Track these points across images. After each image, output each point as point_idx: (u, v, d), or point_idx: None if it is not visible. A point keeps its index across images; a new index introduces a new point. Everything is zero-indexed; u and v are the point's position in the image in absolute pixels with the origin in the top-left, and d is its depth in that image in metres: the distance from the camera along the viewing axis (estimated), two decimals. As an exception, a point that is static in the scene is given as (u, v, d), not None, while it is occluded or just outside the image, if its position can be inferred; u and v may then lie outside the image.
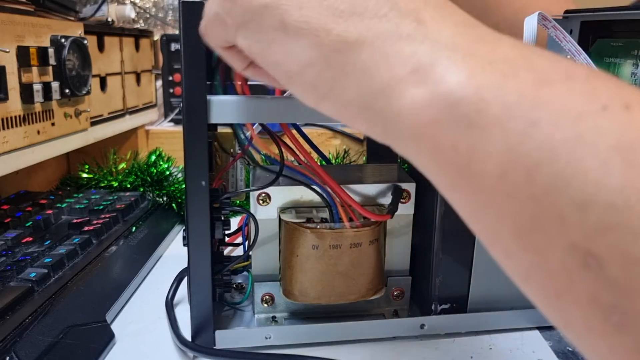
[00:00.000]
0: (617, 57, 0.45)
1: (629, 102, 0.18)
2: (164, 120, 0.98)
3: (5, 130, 0.52)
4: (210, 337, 0.40)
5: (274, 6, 0.24)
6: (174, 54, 0.95)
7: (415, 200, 0.43)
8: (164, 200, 0.70)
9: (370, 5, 0.23)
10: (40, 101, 0.57)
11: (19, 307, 0.40)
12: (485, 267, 0.43)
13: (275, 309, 0.44)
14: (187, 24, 0.34)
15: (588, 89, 0.19)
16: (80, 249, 0.51)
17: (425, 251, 0.43)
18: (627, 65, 0.44)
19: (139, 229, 0.60)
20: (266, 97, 0.38)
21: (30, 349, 0.36)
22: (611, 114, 0.18)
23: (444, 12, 0.23)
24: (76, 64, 0.64)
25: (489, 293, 0.43)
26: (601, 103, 0.18)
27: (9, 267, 0.45)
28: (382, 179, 0.43)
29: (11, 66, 0.53)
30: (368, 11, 0.23)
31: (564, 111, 0.19)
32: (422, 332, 0.43)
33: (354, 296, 0.42)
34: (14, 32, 0.53)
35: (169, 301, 0.46)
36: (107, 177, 0.72)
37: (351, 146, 0.88)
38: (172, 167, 0.73)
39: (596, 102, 0.18)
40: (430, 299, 0.43)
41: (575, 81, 0.19)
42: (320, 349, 0.41)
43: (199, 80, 0.35)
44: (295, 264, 0.41)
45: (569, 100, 0.19)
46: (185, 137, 0.36)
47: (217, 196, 0.40)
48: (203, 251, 0.38)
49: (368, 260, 0.41)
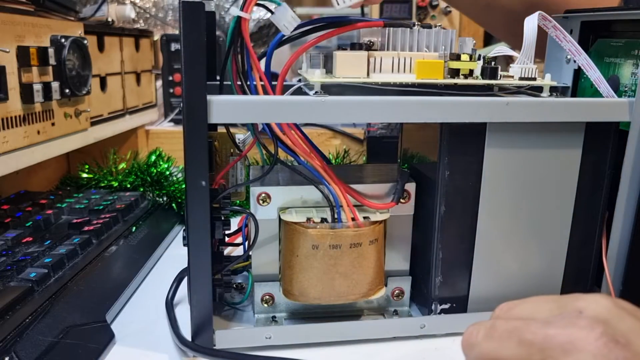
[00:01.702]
0: (617, 57, 0.45)
1: None
2: (164, 120, 0.98)
3: (5, 130, 0.52)
4: (210, 337, 0.40)
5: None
6: (174, 54, 0.95)
7: (415, 200, 0.43)
8: (164, 200, 0.70)
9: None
10: (40, 101, 0.57)
11: (19, 307, 0.40)
12: (485, 267, 0.43)
13: (275, 309, 0.44)
14: (187, 24, 0.34)
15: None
16: (80, 249, 0.51)
17: (425, 251, 0.43)
18: (627, 65, 0.44)
19: (139, 229, 0.60)
20: (266, 97, 0.38)
21: (30, 349, 0.36)
22: None
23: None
24: (76, 64, 0.64)
25: (489, 293, 0.43)
26: None
27: (9, 267, 0.45)
28: (382, 179, 0.43)
29: (11, 66, 0.53)
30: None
31: None
32: (422, 332, 0.43)
33: (354, 296, 0.42)
34: (14, 32, 0.53)
35: (169, 301, 0.46)
36: (107, 177, 0.72)
37: (351, 146, 0.88)
38: (172, 167, 0.73)
39: None
40: (430, 299, 0.43)
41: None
42: (320, 349, 0.41)
43: (199, 80, 0.35)
44: (295, 264, 0.41)
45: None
46: (185, 137, 0.36)
47: (217, 196, 0.40)
48: (203, 251, 0.38)
49: (368, 260, 0.41)
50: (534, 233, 0.43)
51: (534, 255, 0.43)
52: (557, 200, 0.42)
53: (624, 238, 0.42)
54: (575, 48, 0.42)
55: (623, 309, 0.27)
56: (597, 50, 0.47)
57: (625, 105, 0.40)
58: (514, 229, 0.42)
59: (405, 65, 0.40)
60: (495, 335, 0.28)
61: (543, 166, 0.41)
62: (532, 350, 0.26)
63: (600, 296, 0.28)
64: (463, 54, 0.40)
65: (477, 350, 0.29)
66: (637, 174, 0.40)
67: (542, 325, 0.27)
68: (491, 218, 0.42)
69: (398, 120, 0.39)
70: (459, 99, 0.38)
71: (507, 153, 0.41)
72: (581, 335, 0.25)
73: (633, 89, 0.43)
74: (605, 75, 0.43)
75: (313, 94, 0.38)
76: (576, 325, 0.26)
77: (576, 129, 0.41)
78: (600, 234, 0.44)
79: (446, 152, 0.40)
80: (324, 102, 0.36)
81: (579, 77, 0.48)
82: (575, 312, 0.27)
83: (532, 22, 0.41)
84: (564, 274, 0.44)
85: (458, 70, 0.40)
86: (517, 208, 0.42)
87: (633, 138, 0.40)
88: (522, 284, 0.44)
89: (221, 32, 1.00)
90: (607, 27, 0.47)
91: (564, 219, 0.43)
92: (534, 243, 0.43)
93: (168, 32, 1.00)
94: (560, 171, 0.42)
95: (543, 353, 0.26)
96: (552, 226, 0.43)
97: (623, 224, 0.41)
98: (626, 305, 0.28)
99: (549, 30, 0.42)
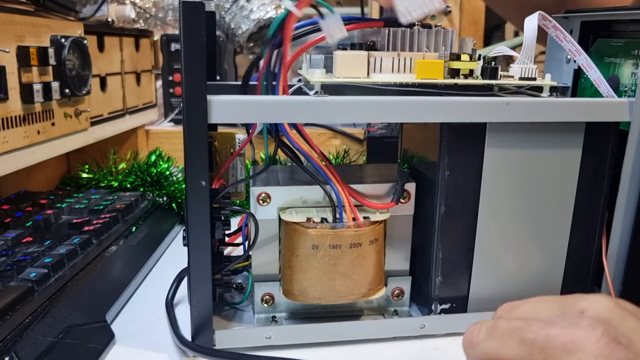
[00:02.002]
0: (617, 57, 0.45)
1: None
2: (164, 120, 0.98)
3: (5, 130, 0.52)
4: (210, 337, 0.40)
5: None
6: (174, 54, 0.95)
7: (415, 200, 0.43)
8: (164, 200, 0.70)
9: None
10: (40, 101, 0.57)
11: (19, 307, 0.40)
12: (485, 267, 0.43)
13: (275, 309, 0.44)
14: (187, 24, 0.34)
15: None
16: (80, 249, 0.51)
17: (425, 251, 0.43)
18: (627, 65, 0.44)
19: (139, 229, 0.60)
20: (266, 97, 0.38)
21: (31, 349, 0.36)
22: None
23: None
24: (76, 64, 0.64)
25: (489, 293, 0.43)
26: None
27: (9, 267, 0.45)
28: (382, 179, 0.43)
29: (11, 66, 0.53)
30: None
31: None
32: (422, 332, 0.43)
33: (354, 296, 0.42)
34: (14, 32, 0.53)
35: (169, 301, 0.46)
36: (107, 177, 0.72)
37: (351, 146, 0.88)
38: (172, 167, 0.73)
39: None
40: (430, 299, 0.43)
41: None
42: (320, 349, 0.41)
43: (199, 80, 0.35)
44: (295, 264, 0.41)
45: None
46: (185, 137, 0.36)
47: (216, 196, 0.40)
48: (203, 251, 0.38)
49: (368, 260, 0.41)
50: (534, 233, 0.43)
51: (534, 255, 0.43)
52: (557, 200, 0.42)
53: (624, 238, 0.42)
54: (575, 48, 0.42)
55: (625, 309, 0.27)
56: (597, 50, 0.47)
57: (625, 105, 0.40)
58: (514, 229, 0.42)
59: (405, 65, 0.40)
60: (496, 334, 0.28)
61: (543, 166, 0.41)
62: (534, 350, 0.26)
63: (602, 296, 0.28)
64: (463, 54, 0.40)
65: (478, 350, 0.29)
66: (637, 174, 0.40)
67: (544, 325, 0.27)
68: (491, 218, 0.42)
69: (398, 120, 0.39)
70: (459, 99, 0.38)
71: (507, 153, 0.41)
72: (583, 336, 0.25)
73: (633, 89, 0.43)
74: (605, 75, 0.43)
75: (313, 94, 0.38)
76: (578, 326, 0.26)
77: (576, 129, 0.41)
78: (600, 234, 0.44)
79: (446, 152, 0.40)
80: (324, 102, 0.36)
81: (579, 77, 0.48)
82: (577, 313, 0.27)
83: (532, 22, 0.41)
84: (564, 274, 0.44)
85: (458, 70, 0.40)
86: (517, 208, 0.42)
87: (633, 138, 0.40)
88: (522, 284, 0.44)
89: (221, 32, 1.00)
90: (607, 27, 0.47)
91: (564, 219, 0.43)
92: (534, 243, 0.43)
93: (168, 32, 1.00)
94: (560, 171, 0.42)
95: (544, 353, 0.26)
96: (552, 226, 0.43)
97: (623, 224, 0.41)
98: (628, 305, 0.28)
99: (549, 30, 0.42)
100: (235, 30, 0.98)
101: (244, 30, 0.98)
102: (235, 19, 0.97)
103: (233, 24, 0.98)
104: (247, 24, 0.97)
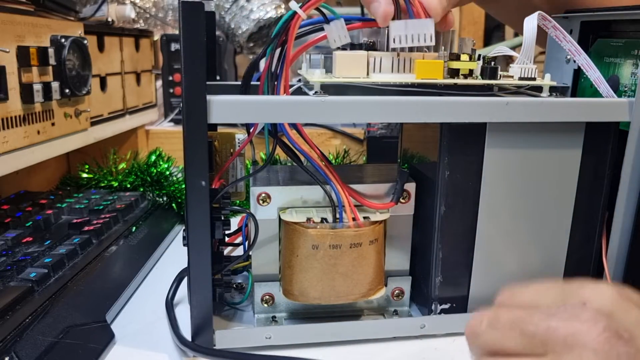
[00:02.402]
0: (617, 57, 0.45)
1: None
2: (164, 120, 0.98)
3: (5, 130, 0.52)
4: (210, 337, 0.40)
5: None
6: (174, 54, 0.95)
7: (415, 200, 0.43)
8: (164, 200, 0.70)
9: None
10: (40, 101, 0.57)
11: (19, 307, 0.40)
12: (485, 267, 0.43)
13: (275, 309, 0.44)
14: (186, 24, 0.34)
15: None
16: (80, 249, 0.51)
17: (425, 251, 0.43)
18: (627, 65, 0.44)
19: (139, 229, 0.60)
20: (266, 97, 0.38)
21: (31, 349, 0.36)
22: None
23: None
24: (76, 64, 0.64)
25: (489, 293, 0.43)
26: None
27: (9, 267, 0.45)
28: (382, 179, 0.43)
29: (11, 66, 0.53)
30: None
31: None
32: (422, 332, 0.43)
33: (354, 296, 0.42)
34: (14, 32, 0.53)
35: (169, 301, 0.46)
36: (107, 177, 0.72)
37: (351, 146, 0.88)
38: (172, 167, 0.73)
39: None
40: (430, 299, 0.43)
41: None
42: (320, 349, 0.41)
43: (199, 80, 0.35)
44: (295, 264, 0.41)
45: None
46: (185, 137, 0.36)
47: (216, 196, 0.40)
48: (203, 251, 0.38)
49: (368, 260, 0.41)
50: (534, 233, 0.43)
51: (534, 255, 0.43)
52: (557, 200, 0.42)
53: (624, 238, 0.42)
54: (575, 48, 0.42)
55: (629, 299, 0.27)
56: (597, 50, 0.47)
57: (625, 105, 0.40)
58: (514, 229, 0.42)
59: (405, 65, 0.40)
60: (498, 325, 0.28)
61: (543, 166, 0.41)
62: (535, 342, 0.26)
63: (606, 286, 0.28)
64: (463, 54, 0.40)
65: (481, 340, 0.29)
66: (637, 174, 0.40)
67: (545, 316, 0.27)
68: (491, 218, 0.42)
69: (398, 120, 0.39)
70: (459, 99, 0.38)
71: (507, 153, 0.41)
72: (584, 329, 0.25)
73: (633, 89, 0.43)
74: (605, 75, 0.43)
75: (313, 94, 0.38)
76: (579, 319, 0.26)
77: (576, 129, 0.41)
78: (600, 234, 0.44)
79: (446, 152, 0.40)
80: (324, 102, 0.36)
81: (579, 77, 0.48)
82: (579, 303, 0.27)
83: (531, 22, 0.41)
84: (563, 274, 0.44)
85: (458, 70, 0.40)
86: (517, 208, 0.42)
87: (633, 138, 0.40)
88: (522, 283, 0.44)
89: (221, 32, 1.00)
90: (607, 27, 0.47)
91: (564, 219, 0.43)
92: (534, 243, 0.43)
93: (168, 32, 1.00)
94: (560, 171, 0.42)
95: (545, 346, 0.26)
96: (552, 226, 0.43)
97: (623, 224, 0.41)
98: (632, 295, 0.27)
99: (549, 30, 0.42)
100: (235, 30, 0.98)
101: (244, 30, 0.98)
102: (235, 19, 0.98)
103: (233, 24, 0.98)
104: (247, 24, 0.97)
